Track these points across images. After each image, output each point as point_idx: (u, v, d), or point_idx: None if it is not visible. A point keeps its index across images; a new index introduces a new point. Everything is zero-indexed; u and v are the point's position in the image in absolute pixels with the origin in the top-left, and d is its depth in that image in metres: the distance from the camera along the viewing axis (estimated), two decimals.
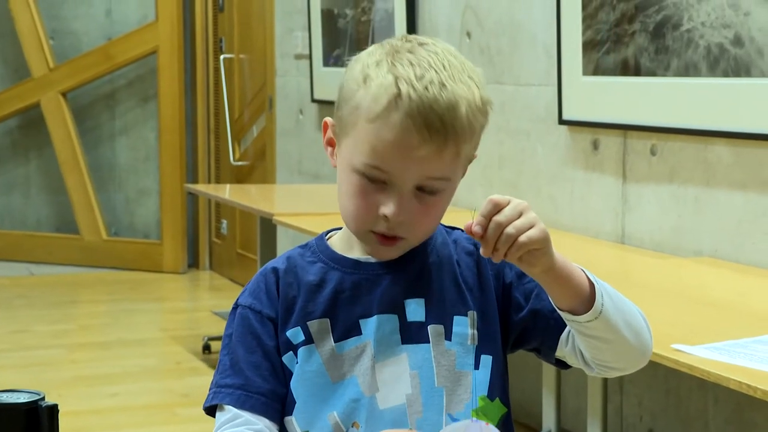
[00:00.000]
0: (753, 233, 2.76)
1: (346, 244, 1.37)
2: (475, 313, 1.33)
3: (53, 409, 1.23)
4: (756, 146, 2.74)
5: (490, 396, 1.33)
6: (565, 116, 3.38)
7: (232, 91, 6.06)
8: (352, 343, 1.32)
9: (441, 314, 1.33)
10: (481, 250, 1.21)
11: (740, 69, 2.73)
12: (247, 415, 1.29)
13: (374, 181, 1.29)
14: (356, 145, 1.29)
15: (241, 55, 5.99)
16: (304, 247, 1.39)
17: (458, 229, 1.39)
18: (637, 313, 1.32)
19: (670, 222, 3.03)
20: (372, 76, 1.29)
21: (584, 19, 3.25)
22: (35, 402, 1.23)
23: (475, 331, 1.33)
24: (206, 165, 6.44)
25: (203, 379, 4.27)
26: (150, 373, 4.38)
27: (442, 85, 1.27)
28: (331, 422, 1.29)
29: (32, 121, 6.50)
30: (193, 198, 6.45)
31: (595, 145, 3.32)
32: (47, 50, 6.33)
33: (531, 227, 1.20)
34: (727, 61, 2.76)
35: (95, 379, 4.25)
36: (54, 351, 4.66)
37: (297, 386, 1.31)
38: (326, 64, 4.90)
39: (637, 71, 3.07)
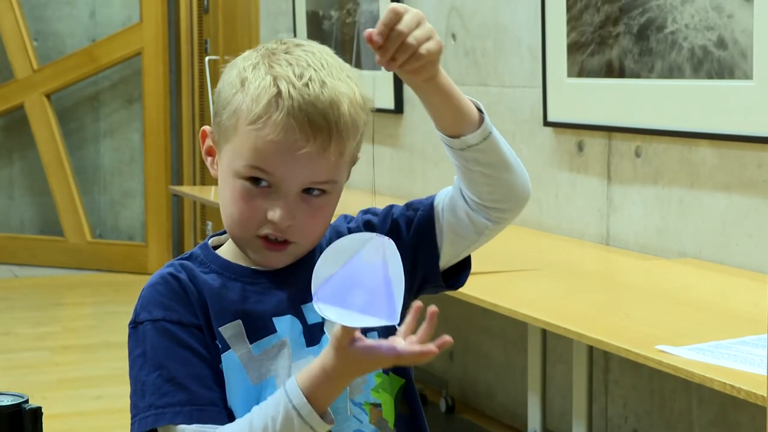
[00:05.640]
0: (737, 234, 2.77)
1: (237, 253, 1.33)
2: None
3: (37, 412, 1.23)
4: (739, 148, 2.75)
5: (385, 371, 1.33)
6: (550, 118, 3.38)
7: None
8: (267, 342, 1.29)
9: None
10: (377, 59, 1.19)
11: (724, 71, 2.73)
12: (208, 430, 1.24)
13: (259, 185, 1.27)
14: (238, 149, 1.27)
15: (227, 57, 5.98)
16: (189, 258, 1.34)
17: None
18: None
19: (655, 223, 3.04)
20: (250, 78, 1.28)
21: (569, 21, 3.26)
22: (19, 405, 1.22)
23: None
24: (191, 167, 6.42)
25: None
26: None
27: (323, 82, 1.26)
28: None
29: (16, 123, 6.47)
30: (178, 200, 6.43)
31: (580, 147, 3.32)
32: (31, 51, 6.31)
33: (429, 39, 1.20)
34: (711, 63, 2.77)
35: (79, 381, 4.24)
36: (38, 353, 4.64)
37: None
38: None
39: (621, 73, 3.08)
